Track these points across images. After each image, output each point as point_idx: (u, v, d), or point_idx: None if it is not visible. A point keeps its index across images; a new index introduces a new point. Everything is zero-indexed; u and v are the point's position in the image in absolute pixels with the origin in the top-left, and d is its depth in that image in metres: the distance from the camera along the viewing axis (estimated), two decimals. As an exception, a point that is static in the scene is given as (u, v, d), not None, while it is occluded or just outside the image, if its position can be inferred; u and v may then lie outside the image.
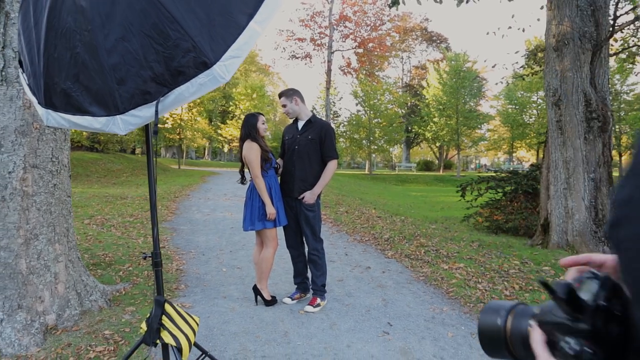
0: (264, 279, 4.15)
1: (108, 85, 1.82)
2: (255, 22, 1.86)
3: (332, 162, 4.10)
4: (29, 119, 3.35)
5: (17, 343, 3.17)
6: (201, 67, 1.78)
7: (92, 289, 3.95)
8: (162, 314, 2.30)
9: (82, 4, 1.81)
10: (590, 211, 5.98)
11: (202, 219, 8.80)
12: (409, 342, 3.43)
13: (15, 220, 3.32)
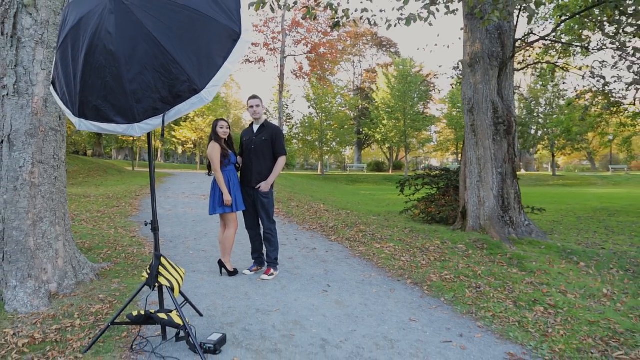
0: (227, 254, 5.08)
1: (129, 104, 2.74)
2: (228, 62, 2.82)
3: (282, 158, 5.09)
4: (36, 123, 4.14)
5: (29, 304, 3.96)
6: (193, 92, 2.73)
7: (84, 265, 4.76)
8: (160, 265, 3.22)
9: (111, 49, 2.72)
10: (497, 200, 7.26)
11: (165, 214, 9.56)
12: (342, 296, 4.46)
13: (25, 206, 4.11)
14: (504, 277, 4.97)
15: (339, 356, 3.15)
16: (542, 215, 12.99)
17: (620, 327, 3.58)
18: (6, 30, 4.02)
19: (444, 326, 3.72)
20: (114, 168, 23.24)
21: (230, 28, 2.84)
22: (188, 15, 2.76)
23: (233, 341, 3.35)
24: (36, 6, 4.06)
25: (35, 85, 4.08)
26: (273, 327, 3.63)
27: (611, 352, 3.18)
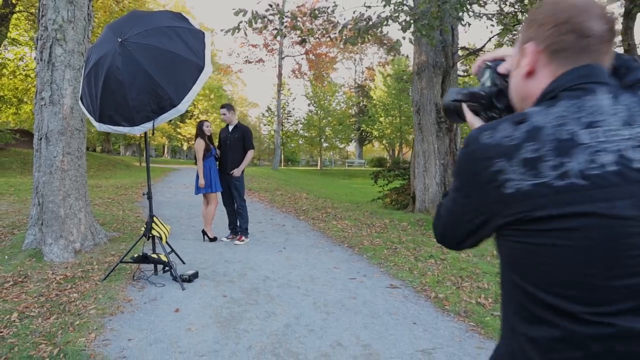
0: (208, 224, 6.60)
1: (131, 114, 4.23)
2: (196, 85, 4.31)
3: (250, 151, 6.59)
4: (65, 125, 5.65)
5: (61, 256, 5.47)
6: (172, 106, 4.22)
7: (100, 232, 6.28)
8: (152, 222, 4.72)
9: (120, 79, 4.21)
10: (439, 186, 8.70)
11: (166, 201, 11.10)
12: (292, 254, 5.95)
13: (58, 185, 5.62)
14: (421, 243, 6.43)
15: (273, 284, 4.65)
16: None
17: (480, 270, 5.04)
18: (44, 57, 5.54)
19: (356, 271, 5.20)
20: (122, 163, 24.87)
21: (197, 63, 4.33)
22: (170, 56, 4.26)
23: (203, 276, 4.85)
24: (65, 40, 5.56)
25: (64, 97, 5.59)
26: (234, 270, 5.13)
27: (460, 282, 4.65)
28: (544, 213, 0.82)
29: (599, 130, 0.83)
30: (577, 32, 0.90)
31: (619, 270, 0.81)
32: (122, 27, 4.38)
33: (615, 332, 0.82)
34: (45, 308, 3.92)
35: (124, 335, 3.36)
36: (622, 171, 0.80)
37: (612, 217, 0.80)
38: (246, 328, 3.52)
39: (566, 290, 0.84)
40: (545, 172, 0.82)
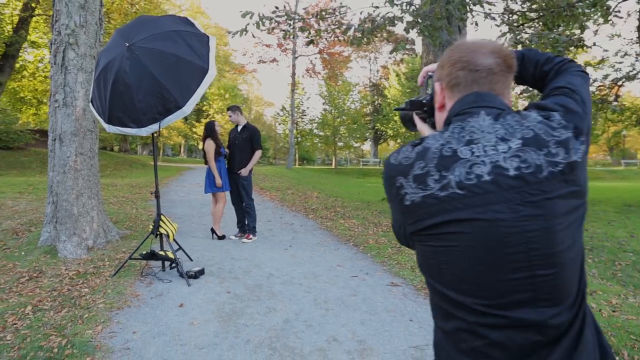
0: (217, 223, 6.75)
1: (138, 116, 4.38)
2: (200, 88, 4.44)
3: (258, 151, 6.71)
4: (78, 126, 5.84)
5: (74, 253, 5.67)
6: (177, 108, 4.36)
7: (112, 229, 6.48)
8: (160, 220, 4.88)
9: (127, 82, 4.36)
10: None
11: (178, 199, 11.32)
12: (297, 252, 6.07)
13: (71, 184, 5.82)
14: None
15: (276, 281, 4.77)
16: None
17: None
18: (58, 61, 5.74)
19: (359, 269, 5.29)
20: (138, 162, 25.28)
21: (202, 66, 4.47)
22: (175, 60, 4.39)
23: (209, 273, 4.99)
24: (77, 44, 5.76)
25: (77, 99, 5.78)
26: (239, 267, 5.26)
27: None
28: (435, 220, 0.96)
29: (477, 146, 0.95)
30: (467, 68, 1.05)
31: (501, 266, 0.92)
32: (130, 32, 4.53)
33: (509, 322, 0.93)
34: (58, 302, 4.10)
35: (130, 328, 3.51)
36: (496, 180, 0.92)
37: (489, 220, 0.91)
38: (246, 323, 3.64)
39: (464, 286, 0.96)
40: (431, 185, 0.96)
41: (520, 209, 0.91)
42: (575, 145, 0.95)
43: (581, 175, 0.95)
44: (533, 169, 0.92)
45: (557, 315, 0.93)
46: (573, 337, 0.95)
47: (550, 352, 0.93)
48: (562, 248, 0.92)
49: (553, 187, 0.91)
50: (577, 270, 0.97)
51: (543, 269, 0.91)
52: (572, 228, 0.94)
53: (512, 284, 0.92)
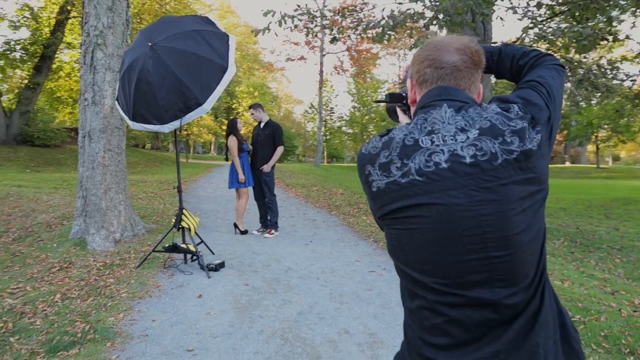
0: (239, 218, 6.89)
1: (161, 113, 4.53)
2: (220, 86, 4.56)
3: (280, 147, 6.81)
4: (106, 123, 6.07)
5: (102, 245, 5.90)
6: (198, 105, 4.49)
7: (138, 223, 6.70)
8: (182, 214, 5.03)
9: (150, 80, 4.52)
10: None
11: (206, 195, 11.56)
12: (317, 247, 6.14)
13: (99, 180, 6.05)
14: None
15: (294, 275, 4.85)
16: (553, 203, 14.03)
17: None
18: (87, 62, 5.98)
19: (376, 264, 5.32)
20: (169, 159, 25.87)
21: (221, 64, 4.58)
22: (195, 58, 4.52)
23: (229, 266, 5.12)
24: (105, 44, 5.97)
25: (105, 97, 6.00)
26: (259, 261, 5.38)
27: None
28: (397, 205, 1.02)
29: (437, 136, 1.02)
30: (433, 66, 1.12)
31: (457, 248, 0.98)
32: (152, 32, 4.69)
33: (466, 301, 0.99)
34: (84, 291, 4.29)
35: (149, 316, 3.66)
36: (453, 167, 0.98)
37: (445, 205, 0.97)
38: (261, 314, 3.74)
39: (424, 267, 1.02)
40: (394, 172, 1.02)
41: (474, 194, 0.96)
42: (531, 134, 1.00)
43: (538, 163, 0.99)
44: (488, 157, 0.97)
45: (512, 295, 0.97)
46: (529, 317, 0.98)
47: (506, 330, 0.98)
48: (517, 231, 0.96)
49: (507, 174, 0.96)
50: (535, 253, 1.01)
51: (497, 250, 0.96)
52: (528, 213, 0.98)
53: (468, 265, 0.97)
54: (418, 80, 1.16)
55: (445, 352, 1.01)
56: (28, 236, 6.67)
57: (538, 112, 1.03)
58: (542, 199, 1.01)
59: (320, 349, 3.13)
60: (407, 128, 1.06)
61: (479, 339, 0.98)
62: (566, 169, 35.63)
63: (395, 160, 1.02)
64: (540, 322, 0.99)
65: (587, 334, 3.32)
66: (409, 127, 1.06)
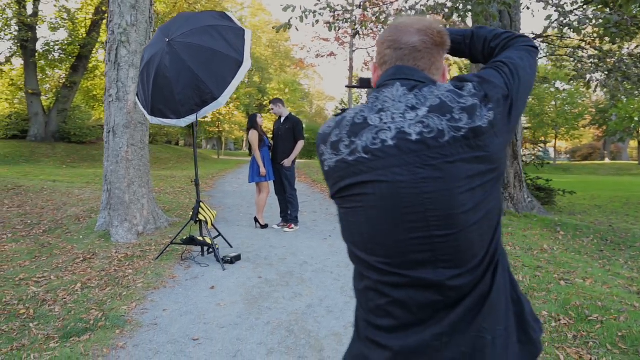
0: (260, 212, 6.95)
1: (177, 107, 4.61)
2: (235, 80, 4.61)
3: (300, 142, 6.83)
4: (130, 119, 6.22)
5: (125, 237, 6.06)
6: (213, 99, 4.54)
7: (161, 217, 6.85)
8: (199, 207, 5.11)
9: (167, 75, 4.60)
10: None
11: (232, 190, 11.72)
12: (335, 242, 6.13)
13: (123, 174, 6.22)
14: (467, 235, 6.33)
15: (309, 269, 4.86)
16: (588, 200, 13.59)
17: (520, 263, 4.91)
18: (111, 59, 6.14)
19: (393, 259, 5.26)
20: (200, 156, 26.35)
21: (237, 59, 4.62)
22: (211, 53, 4.58)
23: (245, 259, 5.17)
24: (129, 42, 6.12)
25: (129, 93, 6.16)
26: (275, 255, 5.41)
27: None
28: (346, 183, 1.01)
29: (386, 114, 1.00)
30: (392, 47, 1.10)
31: (400, 226, 0.95)
32: (170, 28, 4.77)
33: (409, 281, 0.96)
34: (104, 281, 4.43)
35: (161, 306, 3.74)
36: (398, 144, 0.95)
37: (388, 182, 0.95)
38: (270, 306, 3.76)
39: (369, 246, 1.00)
40: (342, 150, 1.01)
41: (419, 171, 0.93)
42: (482, 112, 0.96)
43: (490, 141, 0.96)
44: (435, 134, 0.94)
45: (457, 277, 0.94)
46: (476, 300, 0.95)
47: (449, 313, 0.95)
48: (463, 210, 0.93)
49: (455, 151, 0.93)
50: (486, 234, 0.97)
51: (441, 229, 0.93)
52: (477, 192, 0.94)
53: (410, 244, 0.95)
54: (379, 62, 1.14)
55: (389, 335, 0.99)
56: (58, 228, 6.93)
57: (492, 90, 1.00)
58: (494, 179, 0.98)
59: (324, 342, 3.12)
60: (359, 107, 1.05)
61: (424, 321, 0.96)
62: (605, 166, 34.35)
63: (345, 138, 1.02)
64: (488, 306, 0.96)
65: (603, 333, 3.19)
66: (361, 106, 1.05)
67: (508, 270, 1.05)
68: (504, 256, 1.05)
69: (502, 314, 0.97)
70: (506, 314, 0.98)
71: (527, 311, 1.04)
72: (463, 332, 0.94)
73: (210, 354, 2.93)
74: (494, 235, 0.99)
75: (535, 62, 1.16)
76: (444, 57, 1.16)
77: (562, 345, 3.03)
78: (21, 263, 5.31)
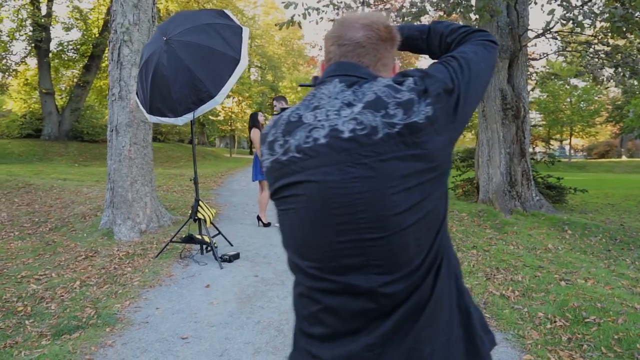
0: (263, 210, 6.95)
1: (175, 106, 4.62)
2: (232, 78, 4.60)
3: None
4: (132, 117, 6.26)
5: (128, 235, 6.10)
6: (210, 97, 4.54)
7: (164, 215, 6.89)
8: (198, 205, 5.12)
9: (164, 74, 4.61)
10: (504, 176, 8.31)
11: (239, 188, 11.75)
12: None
13: (126, 172, 6.26)
14: (471, 234, 6.26)
15: (306, 267, 4.84)
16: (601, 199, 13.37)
17: (521, 263, 4.83)
18: (114, 58, 6.19)
19: (393, 258, 5.21)
20: (212, 154, 26.51)
21: (234, 57, 4.62)
22: (208, 51, 4.58)
23: (244, 258, 5.17)
24: (131, 41, 6.16)
25: (131, 92, 6.19)
26: (274, 253, 5.40)
27: (494, 274, 4.50)
28: (280, 183, 0.97)
29: (321, 111, 0.95)
30: (337, 44, 1.05)
31: (329, 228, 0.90)
32: (168, 27, 4.78)
33: (340, 287, 0.91)
34: (103, 279, 4.46)
35: (154, 304, 3.75)
36: (330, 142, 0.90)
37: (318, 182, 0.90)
38: (263, 305, 3.75)
39: (301, 250, 0.96)
40: (277, 150, 0.97)
41: (350, 170, 0.88)
42: (419, 107, 0.90)
43: (429, 138, 0.90)
44: (368, 131, 0.89)
45: (390, 283, 0.89)
46: (412, 309, 0.90)
47: (383, 322, 0.89)
48: (396, 212, 0.87)
49: (389, 149, 0.88)
50: (424, 238, 0.91)
51: (372, 232, 0.88)
52: (414, 192, 0.88)
53: (341, 248, 0.90)
54: (326, 59, 1.10)
55: (321, 344, 0.94)
56: (63, 226, 7.01)
57: (432, 84, 0.94)
58: (435, 178, 0.91)
59: (313, 342, 3.10)
60: (296, 105, 1.02)
61: (358, 330, 0.91)
62: (621, 163, 33.74)
63: (279, 137, 0.98)
64: (427, 315, 0.90)
65: (599, 336, 3.12)
66: (298, 104, 1.01)
67: (456, 277, 0.99)
68: (450, 261, 0.98)
69: (444, 325, 0.92)
70: (449, 325, 0.93)
71: (476, 321, 0.98)
72: (398, 343, 0.89)
73: (197, 353, 2.93)
74: (435, 238, 0.93)
75: (491, 57, 1.11)
76: (393, 53, 1.11)
77: (555, 348, 2.97)
78: (25, 260, 5.38)
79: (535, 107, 37.74)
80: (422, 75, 0.96)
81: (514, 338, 3.15)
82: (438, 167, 0.92)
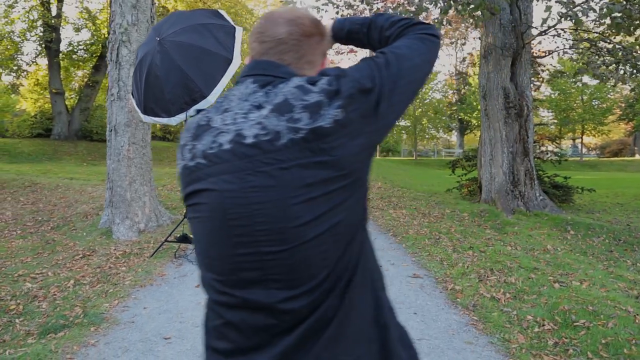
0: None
1: (168, 106, 4.64)
2: (224, 78, 4.60)
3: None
4: (131, 117, 6.30)
5: (126, 235, 6.14)
6: (202, 97, 4.55)
7: (164, 214, 6.93)
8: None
9: (158, 74, 4.63)
10: (507, 176, 8.22)
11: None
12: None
13: (125, 172, 6.30)
14: (469, 234, 6.20)
15: (299, 268, 4.83)
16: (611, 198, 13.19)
17: (516, 265, 4.78)
18: (113, 58, 6.23)
19: (386, 259, 5.19)
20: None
21: (226, 57, 4.61)
22: (201, 52, 4.58)
23: (238, 257, 5.18)
24: (130, 41, 6.20)
25: (129, 92, 6.23)
26: (270, 253, 5.39)
27: (487, 275, 4.46)
28: (187, 190, 0.93)
29: (229, 114, 0.90)
30: (259, 40, 0.99)
31: (226, 240, 0.86)
32: (162, 27, 4.80)
33: (240, 302, 0.87)
34: (96, 278, 4.50)
35: (143, 304, 3.77)
36: (233, 148, 0.86)
37: (219, 191, 0.86)
38: (250, 305, 3.75)
39: (205, 261, 0.92)
40: (186, 155, 0.93)
41: (250, 179, 0.83)
42: (328, 110, 0.84)
43: (339, 144, 0.84)
44: (271, 136, 0.84)
45: (291, 299, 0.84)
46: (313, 326, 0.84)
47: (283, 339, 0.85)
48: (298, 223, 0.82)
49: (292, 156, 0.82)
50: (331, 251, 0.85)
51: (271, 245, 0.83)
52: (319, 202, 0.83)
53: (239, 261, 0.86)
54: (250, 55, 1.04)
55: (226, 359, 0.90)
56: (65, 225, 7.09)
57: (346, 84, 0.87)
58: (345, 187, 0.85)
59: (296, 343, 3.09)
60: (208, 108, 0.97)
61: (261, 346, 0.86)
62: (634, 162, 33.21)
63: (189, 142, 0.93)
64: (332, 333, 0.85)
65: (586, 340, 3.07)
66: (210, 107, 0.97)
67: (374, 290, 0.93)
68: (368, 273, 0.92)
69: (352, 343, 0.87)
70: (358, 343, 0.88)
71: (395, 338, 0.94)
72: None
73: (178, 353, 2.93)
74: (345, 251, 0.88)
75: (429, 51, 1.03)
76: (322, 50, 1.05)
77: (540, 353, 2.93)
78: (23, 259, 5.45)
79: (547, 105, 37.33)
80: (337, 74, 0.90)
81: (499, 342, 3.11)
82: (349, 174, 0.86)
